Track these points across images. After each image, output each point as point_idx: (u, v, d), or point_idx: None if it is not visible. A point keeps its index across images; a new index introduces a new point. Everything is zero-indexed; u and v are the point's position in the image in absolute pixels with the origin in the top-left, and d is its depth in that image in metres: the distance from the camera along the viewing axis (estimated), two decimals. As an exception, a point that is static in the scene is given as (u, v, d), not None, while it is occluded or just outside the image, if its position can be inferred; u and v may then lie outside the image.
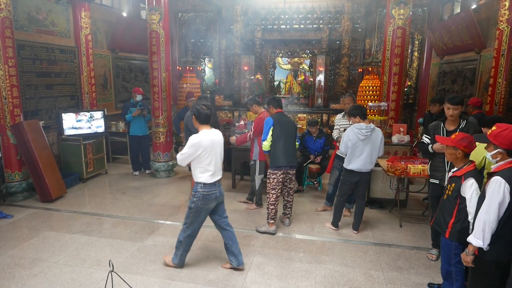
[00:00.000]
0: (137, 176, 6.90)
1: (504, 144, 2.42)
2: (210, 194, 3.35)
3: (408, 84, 9.56)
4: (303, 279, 3.48)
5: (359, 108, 4.34)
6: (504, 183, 2.33)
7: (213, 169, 3.34)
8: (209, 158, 3.29)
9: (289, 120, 4.62)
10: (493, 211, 2.35)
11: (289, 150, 4.41)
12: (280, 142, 4.38)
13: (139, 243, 4.16)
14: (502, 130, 2.45)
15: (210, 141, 3.27)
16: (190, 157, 3.26)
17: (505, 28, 5.24)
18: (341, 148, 4.34)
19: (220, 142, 3.42)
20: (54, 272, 3.52)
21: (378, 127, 5.82)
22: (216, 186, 3.40)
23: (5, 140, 5.28)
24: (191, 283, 3.37)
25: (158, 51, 6.29)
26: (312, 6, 9.12)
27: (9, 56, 5.10)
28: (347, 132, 4.27)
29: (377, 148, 4.27)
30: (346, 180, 4.42)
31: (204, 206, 3.38)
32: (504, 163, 2.43)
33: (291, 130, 4.49)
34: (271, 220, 4.41)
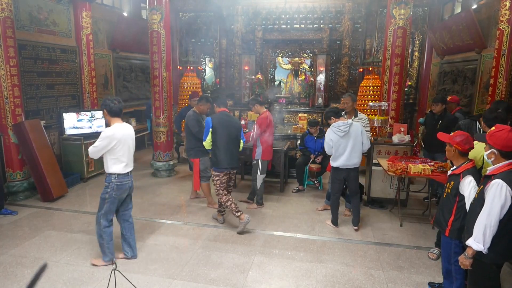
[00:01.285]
0: (138, 176, 6.90)
1: (497, 144, 2.44)
2: (124, 184, 3.57)
3: (409, 84, 9.56)
4: (304, 278, 3.49)
5: (331, 110, 4.55)
6: (506, 186, 2.32)
7: (126, 160, 3.56)
8: (122, 150, 3.50)
9: (231, 120, 4.54)
10: (495, 215, 2.34)
11: (230, 152, 4.42)
12: (222, 144, 4.39)
13: (141, 242, 4.18)
14: (498, 130, 2.48)
15: (122, 134, 3.50)
16: (103, 149, 3.43)
17: (505, 28, 5.24)
18: (326, 149, 4.47)
19: (131, 135, 3.67)
20: (56, 271, 3.53)
21: (378, 127, 5.86)
22: (129, 177, 3.63)
23: (7, 140, 5.29)
24: (192, 282, 3.39)
25: (159, 50, 6.30)
26: (313, 6, 9.12)
27: (10, 55, 5.11)
28: (327, 133, 4.41)
29: (360, 141, 4.33)
30: (335, 178, 4.53)
31: (118, 196, 3.57)
32: (503, 165, 2.42)
33: (233, 130, 4.45)
34: (238, 213, 4.42)
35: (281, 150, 5.77)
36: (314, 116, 8.38)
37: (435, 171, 4.45)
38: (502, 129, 2.46)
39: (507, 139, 2.40)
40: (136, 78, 9.31)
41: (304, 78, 9.58)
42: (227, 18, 9.80)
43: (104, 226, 3.58)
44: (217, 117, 4.47)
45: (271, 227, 4.66)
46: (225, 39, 10.28)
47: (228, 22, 9.88)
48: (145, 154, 8.65)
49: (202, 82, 10.51)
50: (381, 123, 5.89)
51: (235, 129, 4.51)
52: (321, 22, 9.38)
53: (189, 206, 5.34)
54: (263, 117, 5.00)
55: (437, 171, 4.44)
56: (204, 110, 5.17)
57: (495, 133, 2.46)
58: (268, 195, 5.72)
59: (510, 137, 2.40)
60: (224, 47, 10.36)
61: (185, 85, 8.55)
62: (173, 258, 3.83)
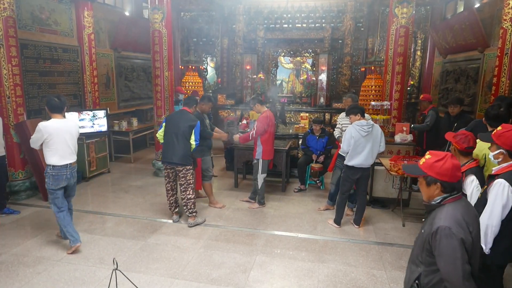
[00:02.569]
0: (139, 175, 6.91)
1: (506, 144, 2.41)
2: (60, 175, 3.78)
3: (411, 83, 9.53)
4: (306, 278, 3.48)
5: (359, 107, 4.47)
6: (508, 186, 2.30)
7: (62, 153, 3.77)
8: (56, 143, 3.73)
9: (180, 118, 4.53)
10: (496, 215, 2.32)
11: (169, 147, 4.49)
12: (165, 138, 4.56)
13: (142, 241, 4.17)
14: (507, 130, 2.44)
15: (56, 128, 3.72)
16: (37, 141, 3.72)
17: (508, 27, 5.20)
18: (344, 147, 4.37)
19: (69, 130, 3.82)
20: (57, 270, 3.53)
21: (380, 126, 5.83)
22: (67, 169, 3.81)
23: (9, 139, 5.29)
24: (194, 282, 3.38)
25: (161, 50, 6.30)
26: (315, 5, 9.10)
27: (12, 55, 5.12)
28: (349, 130, 4.33)
29: (378, 143, 4.37)
30: (348, 177, 4.46)
31: (55, 186, 3.80)
32: (507, 165, 2.40)
33: (177, 127, 4.46)
34: (172, 213, 4.79)
35: (283, 150, 5.75)
36: (316, 116, 8.37)
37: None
38: (510, 129, 2.44)
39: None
40: (138, 78, 9.32)
41: (306, 78, 9.56)
42: (229, 17, 9.79)
43: (55, 211, 3.87)
44: (171, 114, 4.80)
45: (272, 226, 4.64)
46: (227, 38, 10.28)
47: (230, 22, 9.87)
48: (147, 154, 8.65)
49: (204, 82, 10.51)
50: (384, 122, 5.87)
51: (178, 127, 4.47)
52: (322, 21, 9.37)
53: (190, 206, 5.33)
54: (264, 117, 4.99)
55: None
56: (206, 109, 5.16)
57: (504, 133, 2.44)
58: (269, 195, 5.70)
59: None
60: (226, 46, 10.35)
61: (186, 85, 8.55)
62: (175, 257, 3.82)
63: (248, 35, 9.84)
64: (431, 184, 1.81)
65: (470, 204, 1.88)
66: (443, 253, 1.68)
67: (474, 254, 1.74)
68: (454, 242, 1.65)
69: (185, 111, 4.61)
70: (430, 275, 1.78)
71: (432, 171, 1.79)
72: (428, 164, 1.81)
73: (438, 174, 1.77)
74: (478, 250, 1.77)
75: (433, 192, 1.82)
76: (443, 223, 1.69)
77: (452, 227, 1.67)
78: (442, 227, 1.68)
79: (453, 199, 1.79)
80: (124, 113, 8.68)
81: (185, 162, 4.47)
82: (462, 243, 1.65)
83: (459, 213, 1.73)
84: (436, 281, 1.74)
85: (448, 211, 1.74)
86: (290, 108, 8.89)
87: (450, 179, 1.76)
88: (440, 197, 1.81)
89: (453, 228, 1.67)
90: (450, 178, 1.76)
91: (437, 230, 1.70)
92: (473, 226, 1.73)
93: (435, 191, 1.81)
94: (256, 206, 5.28)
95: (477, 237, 1.74)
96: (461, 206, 1.78)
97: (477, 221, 1.81)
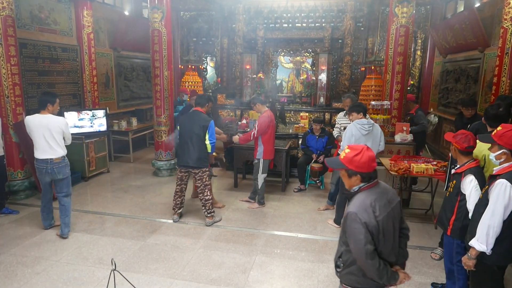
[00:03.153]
0: (139, 175, 6.89)
1: (509, 144, 2.39)
2: (40, 168, 4.02)
3: (411, 83, 9.51)
4: (306, 278, 3.47)
5: (362, 105, 4.45)
6: (510, 186, 2.29)
7: (40, 147, 3.97)
8: (35, 138, 3.97)
9: (193, 119, 4.47)
10: (498, 215, 2.30)
11: (184, 150, 4.47)
12: (180, 141, 4.54)
13: (141, 241, 4.16)
14: (508, 130, 2.42)
15: (35, 123, 3.95)
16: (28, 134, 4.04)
17: (509, 26, 5.19)
18: (343, 144, 4.37)
19: (47, 126, 3.96)
20: (56, 270, 3.52)
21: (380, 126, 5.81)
22: (47, 163, 3.98)
23: (8, 139, 5.28)
24: (193, 282, 3.37)
25: (160, 49, 6.28)
26: (315, 5, 9.08)
27: (11, 54, 5.10)
28: (350, 128, 4.32)
29: (378, 142, 4.38)
30: None
31: (40, 178, 4.12)
32: (508, 165, 2.38)
33: (190, 130, 4.44)
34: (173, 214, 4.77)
35: (282, 150, 5.74)
36: (316, 115, 8.36)
37: (438, 170, 4.42)
38: (510, 129, 2.42)
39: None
40: (138, 77, 9.30)
41: (306, 77, 9.54)
42: (229, 17, 9.77)
43: (42, 198, 4.30)
44: (184, 116, 4.75)
45: (272, 226, 4.63)
46: (227, 38, 10.25)
47: (230, 21, 9.85)
48: (146, 153, 8.64)
49: (204, 81, 10.49)
50: (384, 122, 5.86)
51: (191, 129, 4.44)
52: (322, 21, 9.34)
53: (190, 206, 5.31)
54: (265, 116, 4.98)
55: (439, 171, 4.41)
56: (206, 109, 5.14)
57: (506, 133, 2.41)
58: (269, 195, 5.69)
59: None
60: (226, 46, 10.33)
61: (186, 84, 8.53)
62: (174, 257, 3.81)
63: (248, 35, 9.82)
64: (352, 176, 2.01)
65: (386, 190, 2.07)
66: (350, 235, 1.91)
67: (385, 236, 1.94)
68: (358, 225, 1.86)
69: (197, 112, 4.56)
70: (348, 254, 1.99)
71: (352, 165, 1.96)
72: (348, 158, 1.98)
73: (357, 167, 1.96)
74: (389, 232, 1.96)
75: (353, 182, 2.02)
76: (351, 209, 1.92)
77: (358, 212, 1.88)
78: (350, 213, 1.91)
79: (368, 186, 2.00)
80: (123, 112, 8.67)
81: (201, 165, 4.46)
82: (365, 226, 1.85)
83: (369, 200, 1.93)
84: (353, 259, 1.96)
85: (360, 198, 1.96)
86: (290, 108, 8.87)
87: (367, 170, 1.97)
88: (357, 186, 2.01)
89: (359, 213, 1.88)
90: (367, 169, 1.97)
91: (347, 215, 1.93)
92: (380, 211, 1.92)
93: (356, 181, 2.01)
94: (256, 206, 5.27)
95: (385, 220, 1.93)
96: (375, 192, 1.98)
97: (388, 205, 1.99)
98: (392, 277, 1.95)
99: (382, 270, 1.89)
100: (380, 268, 1.88)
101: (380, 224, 1.90)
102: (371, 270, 1.88)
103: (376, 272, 1.88)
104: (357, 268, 1.96)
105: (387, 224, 1.94)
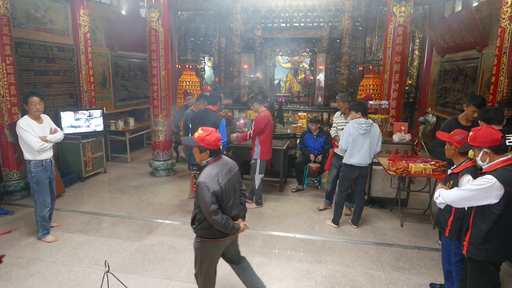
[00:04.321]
0: (136, 175, 6.85)
1: (485, 142, 2.42)
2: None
3: (409, 83, 9.50)
4: (303, 279, 3.44)
5: (362, 105, 4.41)
6: (495, 182, 2.28)
7: None
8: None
9: (205, 117, 4.54)
10: (462, 194, 2.39)
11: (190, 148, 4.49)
12: None
13: (138, 242, 4.13)
14: (477, 131, 2.49)
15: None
16: None
17: (507, 25, 5.17)
18: (342, 144, 4.34)
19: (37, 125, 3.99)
20: (51, 271, 3.48)
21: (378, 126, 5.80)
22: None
23: (3, 139, 5.24)
24: (190, 283, 3.33)
25: (158, 49, 6.25)
26: (312, 4, 9.06)
27: (6, 54, 5.05)
28: (348, 127, 4.31)
29: (376, 142, 4.37)
30: (347, 175, 4.44)
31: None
32: (497, 162, 2.39)
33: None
34: None
35: (280, 149, 5.71)
36: (314, 115, 8.33)
37: (436, 170, 4.40)
38: (480, 129, 2.50)
39: (490, 134, 2.41)
40: (135, 77, 9.25)
41: (304, 77, 9.52)
42: (226, 16, 9.74)
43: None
44: (196, 113, 4.80)
45: (270, 227, 4.61)
46: (224, 37, 10.22)
47: (227, 21, 9.82)
48: (143, 153, 8.60)
49: (201, 81, 10.44)
50: (382, 122, 5.84)
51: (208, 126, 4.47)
52: (320, 21, 9.32)
53: (187, 206, 5.28)
54: (262, 116, 4.95)
55: (438, 171, 4.39)
56: (202, 109, 5.11)
57: (477, 135, 2.48)
58: (267, 195, 5.66)
59: (490, 131, 2.42)
60: (223, 45, 10.29)
61: (184, 84, 8.49)
62: (171, 258, 3.78)
63: (245, 34, 9.79)
64: (203, 151, 2.56)
65: (228, 162, 2.69)
66: (200, 199, 2.47)
67: (227, 197, 2.58)
68: (205, 192, 2.42)
69: (209, 110, 4.60)
70: (200, 213, 2.55)
71: (203, 143, 2.52)
72: (201, 137, 2.53)
73: (208, 145, 2.52)
74: (230, 193, 2.61)
75: (204, 157, 2.58)
76: (201, 179, 2.47)
77: (205, 181, 2.44)
78: (200, 182, 2.46)
79: (214, 160, 2.59)
80: (120, 112, 8.62)
81: None
82: (211, 191, 2.42)
83: (214, 171, 2.52)
84: (204, 217, 2.52)
85: (207, 170, 2.53)
86: (288, 108, 8.85)
87: (215, 147, 2.56)
88: (206, 160, 2.59)
89: (206, 182, 2.44)
90: (215, 147, 2.56)
91: (198, 184, 2.46)
92: (222, 178, 2.53)
93: (205, 156, 2.57)
94: (254, 206, 5.23)
95: (227, 185, 2.55)
96: (219, 165, 2.59)
97: (229, 173, 2.62)
98: (234, 227, 2.60)
99: (225, 223, 2.50)
100: (223, 222, 2.49)
101: (223, 188, 2.51)
102: (217, 224, 2.48)
103: (221, 224, 2.48)
104: (207, 224, 2.53)
105: (228, 188, 2.58)
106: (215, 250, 2.70)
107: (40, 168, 3.99)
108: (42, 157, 3.99)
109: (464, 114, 3.90)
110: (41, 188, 4.03)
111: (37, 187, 4.02)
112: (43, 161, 4.00)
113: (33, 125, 3.94)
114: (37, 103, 3.94)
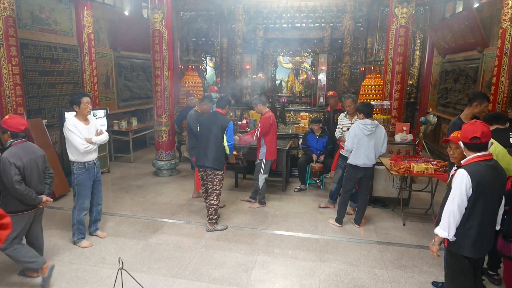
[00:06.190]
0: (139, 175, 6.90)
1: (463, 137, 2.55)
2: None
3: (410, 83, 9.54)
4: (307, 277, 3.49)
5: (367, 106, 4.45)
6: (467, 176, 2.39)
7: None
8: None
9: (213, 120, 4.45)
10: (456, 202, 2.43)
11: (202, 150, 4.46)
12: (199, 141, 4.53)
13: (143, 241, 4.18)
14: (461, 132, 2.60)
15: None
16: None
17: (508, 26, 5.23)
18: (347, 144, 4.39)
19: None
20: (59, 270, 3.52)
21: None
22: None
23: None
24: (196, 281, 3.38)
25: (161, 50, 6.29)
26: (314, 5, 9.10)
27: (12, 54, 5.11)
28: (353, 128, 4.37)
29: (381, 144, 4.40)
30: (351, 175, 4.48)
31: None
32: (471, 158, 2.49)
33: (209, 130, 4.41)
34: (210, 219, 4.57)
35: (283, 149, 5.76)
36: (316, 115, 8.37)
37: (438, 170, 4.45)
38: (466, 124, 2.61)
39: (465, 131, 2.51)
40: (138, 77, 9.31)
41: (305, 77, 9.57)
42: (228, 17, 9.78)
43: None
44: (203, 116, 4.75)
45: (273, 226, 4.65)
46: (226, 38, 10.26)
47: (229, 21, 9.86)
48: (146, 153, 8.65)
49: (203, 81, 10.49)
50: (384, 122, 5.89)
51: (209, 129, 4.42)
52: (322, 21, 9.36)
53: (191, 205, 5.34)
54: (266, 117, 5.00)
55: (439, 170, 4.44)
56: (206, 110, 5.15)
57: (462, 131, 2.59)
58: (270, 195, 5.71)
59: (468, 128, 2.50)
60: (225, 46, 10.34)
61: (186, 85, 8.54)
62: (176, 257, 3.83)
63: (247, 35, 9.83)
64: (4, 133, 3.13)
65: (32, 146, 3.29)
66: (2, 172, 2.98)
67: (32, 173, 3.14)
68: (7, 165, 2.95)
69: (217, 113, 4.54)
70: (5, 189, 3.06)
71: (5, 125, 3.08)
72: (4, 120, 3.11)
73: (8, 127, 3.09)
74: (34, 171, 3.16)
75: (7, 138, 3.14)
76: (4, 155, 2.96)
77: (8, 157, 2.97)
78: (2, 157, 2.96)
79: (17, 143, 3.12)
80: (123, 112, 8.67)
81: (215, 166, 4.39)
82: (13, 165, 2.96)
83: (16, 150, 3.07)
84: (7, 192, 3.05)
85: (11, 149, 3.07)
86: (289, 108, 8.89)
87: (16, 130, 3.11)
88: (9, 141, 3.11)
89: (8, 157, 2.97)
90: (16, 130, 3.11)
91: (1, 159, 2.95)
92: (24, 156, 3.09)
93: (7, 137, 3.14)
94: (257, 205, 5.28)
95: (30, 162, 3.11)
96: (23, 147, 3.15)
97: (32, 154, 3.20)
98: (36, 200, 3.12)
99: (27, 194, 3.00)
100: (25, 192, 2.98)
101: (26, 164, 3.06)
102: (20, 194, 2.95)
103: (23, 194, 2.96)
104: (12, 197, 2.98)
105: (31, 165, 3.12)
106: (20, 223, 3.12)
107: (83, 170, 3.88)
108: (85, 159, 3.89)
109: (469, 112, 3.87)
110: (82, 191, 3.91)
111: (78, 189, 3.90)
112: (86, 163, 3.89)
113: (80, 127, 3.84)
114: (89, 103, 3.92)
